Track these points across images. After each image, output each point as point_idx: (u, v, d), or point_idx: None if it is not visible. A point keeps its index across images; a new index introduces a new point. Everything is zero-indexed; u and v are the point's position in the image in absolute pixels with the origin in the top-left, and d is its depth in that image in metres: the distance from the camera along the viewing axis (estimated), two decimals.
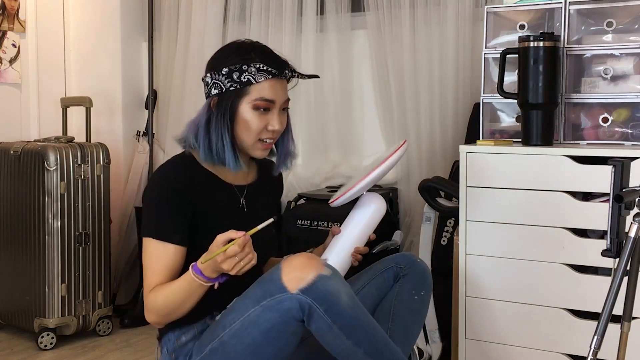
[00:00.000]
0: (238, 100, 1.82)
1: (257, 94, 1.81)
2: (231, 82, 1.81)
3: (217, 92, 1.83)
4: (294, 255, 1.72)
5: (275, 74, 1.82)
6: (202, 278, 1.72)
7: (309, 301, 1.64)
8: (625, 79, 2.27)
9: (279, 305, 1.66)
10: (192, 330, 1.85)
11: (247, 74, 1.81)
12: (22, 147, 3.09)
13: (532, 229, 2.23)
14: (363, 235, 1.93)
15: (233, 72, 1.81)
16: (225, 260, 1.66)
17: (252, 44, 1.89)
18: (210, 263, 1.69)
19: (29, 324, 3.05)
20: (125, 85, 3.68)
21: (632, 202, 1.56)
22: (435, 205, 2.53)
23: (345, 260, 1.91)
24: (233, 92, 1.81)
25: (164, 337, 1.89)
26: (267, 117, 1.84)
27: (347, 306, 1.67)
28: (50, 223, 2.97)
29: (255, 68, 1.81)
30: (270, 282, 1.69)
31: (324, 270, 1.67)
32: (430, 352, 2.58)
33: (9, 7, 3.45)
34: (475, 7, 2.91)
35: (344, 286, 1.70)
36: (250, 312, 1.70)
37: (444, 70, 2.95)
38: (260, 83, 1.81)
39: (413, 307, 1.95)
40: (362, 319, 1.71)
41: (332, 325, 1.66)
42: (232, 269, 1.68)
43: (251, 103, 1.81)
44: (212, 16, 3.42)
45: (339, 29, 3.22)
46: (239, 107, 1.82)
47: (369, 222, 1.93)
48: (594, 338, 1.56)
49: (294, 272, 1.66)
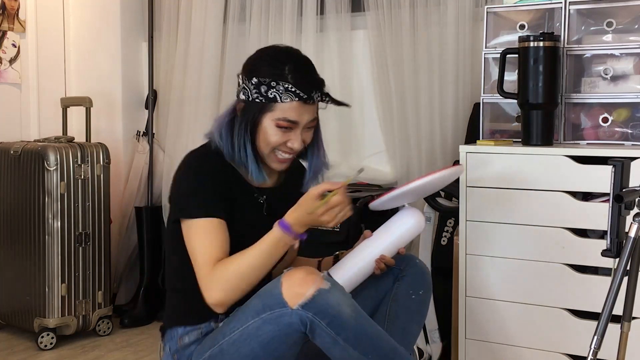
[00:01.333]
0: (261, 114, 1.80)
1: (281, 114, 1.79)
2: (258, 94, 1.79)
3: (244, 98, 1.82)
4: (294, 269, 1.70)
5: (302, 97, 1.79)
6: (290, 234, 1.71)
7: (310, 316, 1.63)
8: (625, 79, 2.27)
9: (279, 319, 1.65)
10: (196, 332, 1.84)
11: (274, 90, 1.78)
12: (22, 147, 3.09)
13: (532, 229, 2.23)
14: (393, 246, 1.90)
15: (262, 84, 1.79)
16: (326, 211, 1.68)
17: (288, 56, 1.85)
18: (304, 216, 1.70)
19: (29, 324, 3.05)
20: (125, 85, 3.68)
21: (632, 202, 1.56)
22: (435, 205, 2.53)
23: (367, 266, 1.89)
24: (258, 104, 1.80)
25: (168, 333, 1.88)
26: (288, 134, 1.82)
27: (350, 317, 1.67)
28: (50, 223, 2.97)
29: (284, 87, 1.78)
30: (271, 296, 1.67)
31: (323, 284, 1.66)
32: (430, 352, 2.58)
33: (9, 7, 3.45)
34: (475, 7, 2.91)
35: (345, 298, 1.69)
36: (250, 324, 1.69)
37: (444, 70, 2.95)
38: (285, 103, 1.79)
39: (412, 307, 1.94)
40: (367, 328, 1.70)
41: (337, 338, 1.65)
42: (332, 220, 1.69)
43: (274, 121, 1.80)
44: (212, 16, 3.41)
45: (339, 29, 3.21)
46: (261, 121, 1.80)
47: (404, 235, 1.91)
48: (594, 338, 1.56)
49: (293, 287, 1.65)
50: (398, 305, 1.93)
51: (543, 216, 2.21)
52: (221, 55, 3.43)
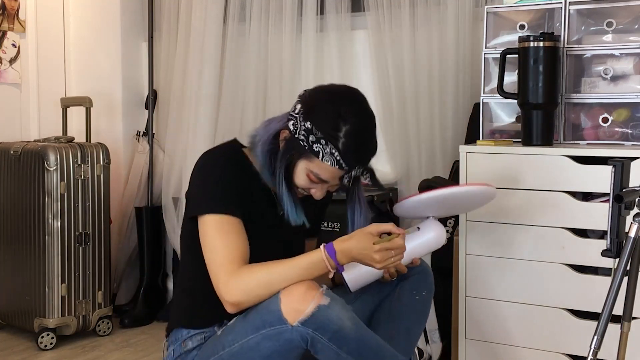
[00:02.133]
0: (299, 158, 1.76)
1: (316, 169, 1.76)
2: (305, 139, 1.75)
3: (292, 129, 1.77)
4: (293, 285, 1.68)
5: (343, 168, 1.76)
6: (332, 262, 1.68)
7: (311, 332, 1.62)
8: (625, 79, 2.27)
9: (279, 335, 1.65)
10: (199, 336, 1.84)
11: (320, 146, 1.73)
12: (22, 147, 3.09)
13: (532, 229, 2.23)
14: (409, 254, 1.86)
15: (311, 133, 1.74)
16: (382, 251, 1.65)
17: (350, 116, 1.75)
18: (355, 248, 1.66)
19: (29, 324, 3.05)
20: (125, 85, 3.68)
21: (632, 202, 1.56)
22: None
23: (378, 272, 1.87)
24: (300, 147, 1.75)
25: (173, 333, 1.88)
26: (314, 185, 1.80)
27: (351, 330, 1.66)
28: (50, 223, 2.97)
29: (330, 151, 1.73)
30: (270, 313, 1.66)
31: (322, 300, 1.64)
32: (430, 352, 2.58)
33: (9, 7, 3.45)
34: (475, 7, 2.91)
35: (344, 311, 1.67)
36: (250, 339, 1.69)
37: (444, 70, 2.95)
38: (324, 163, 1.75)
39: (415, 308, 1.94)
40: (368, 339, 1.70)
41: (339, 351, 1.65)
42: (382, 262, 1.66)
43: (307, 169, 1.77)
44: (212, 16, 3.41)
45: (339, 29, 3.21)
46: (297, 163, 1.77)
47: (421, 246, 1.89)
48: (594, 338, 1.56)
49: (292, 304, 1.63)
50: (402, 305, 1.93)
51: (543, 216, 2.21)
52: (221, 55, 3.43)
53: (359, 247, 1.67)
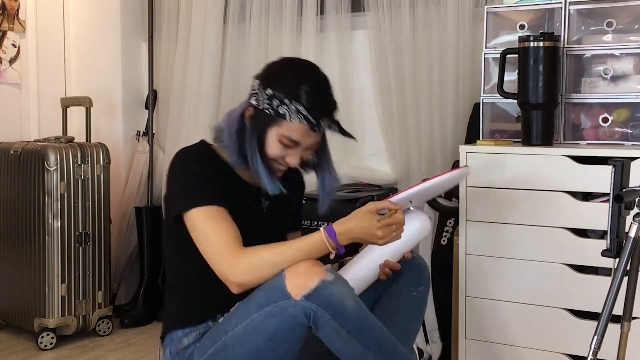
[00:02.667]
0: (267, 127, 1.80)
1: (286, 131, 1.79)
2: (269, 106, 1.79)
3: (254, 104, 1.82)
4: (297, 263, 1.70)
5: (311, 123, 1.79)
6: (333, 243, 1.70)
7: (314, 307, 1.63)
8: (625, 79, 2.27)
9: (282, 312, 1.65)
10: (194, 333, 1.84)
11: (285, 107, 1.78)
12: (22, 147, 3.09)
13: (532, 229, 2.23)
14: (399, 250, 1.88)
15: (274, 98, 1.78)
16: (383, 227, 1.69)
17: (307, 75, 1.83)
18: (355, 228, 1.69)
19: (29, 324, 3.05)
20: (125, 85, 3.68)
21: (632, 202, 1.56)
22: (435, 205, 2.53)
23: (372, 270, 1.88)
24: (266, 115, 1.80)
25: (168, 337, 1.89)
26: (288, 151, 1.82)
27: (354, 309, 1.67)
28: (50, 223, 2.97)
29: (295, 108, 1.77)
30: (274, 289, 1.67)
31: (327, 275, 1.66)
32: (430, 352, 2.58)
33: (9, 7, 3.45)
34: (475, 7, 2.91)
35: (348, 290, 1.69)
36: (254, 318, 1.69)
37: (444, 70, 2.95)
38: (293, 123, 1.78)
39: (412, 304, 1.94)
40: (370, 322, 1.71)
41: (340, 329, 1.65)
42: (385, 237, 1.70)
43: (278, 136, 1.80)
44: (212, 16, 3.41)
45: (339, 29, 3.21)
46: (267, 132, 1.80)
47: (409, 239, 1.89)
48: (594, 338, 1.56)
49: (297, 279, 1.65)
50: (399, 302, 1.93)
51: (543, 216, 2.21)
52: (221, 55, 3.43)
53: (360, 226, 1.70)
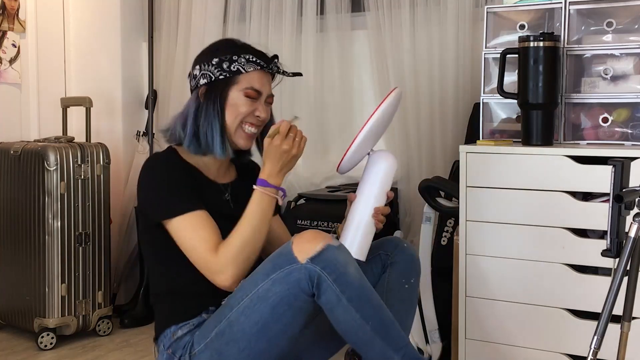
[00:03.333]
0: (228, 87, 1.89)
1: (247, 83, 1.89)
2: (221, 71, 1.88)
3: (205, 81, 1.90)
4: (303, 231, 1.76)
5: (263, 66, 1.91)
6: (269, 188, 1.83)
7: (318, 270, 1.66)
8: (625, 79, 2.27)
9: (287, 277, 1.68)
10: (187, 325, 1.85)
11: (237, 64, 1.89)
12: (22, 147, 3.09)
13: (532, 229, 2.23)
14: (380, 195, 1.90)
15: (223, 62, 1.89)
16: (284, 140, 1.81)
17: (238, 40, 1.97)
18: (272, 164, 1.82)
19: (29, 324, 3.05)
20: (125, 85, 3.68)
21: (632, 202, 1.56)
22: (435, 205, 2.53)
23: (368, 224, 1.89)
24: (222, 80, 1.89)
25: (160, 337, 1.90)
26: (255, 104, 1.91)
27: (355, 278, 1.70)
28: (50, 223, 2.97)
29: (245, 59, 1.89)
30: (281, 255, 1.72)
31: (333, 241, 1.71)
32: (430, 352, 2.58)
33: (9, 7, 3.45)
34: (475, 7, 2.91)
35: (351, 259, 1.73)
36: (259, 287, 1.72)
37: (444, 70, 2.95)
38: (249, 73, 1.89)
39: (404, 297, 1.94)
40: (370, 294, 1.72)
41: (341, 296, 1.67)
42: (294, 147, 1.81)
43: (242, 91, 1.88)
44: (212, 16, 3.42)
45: (339, 29, 3.22)
46: (228, 94, 1.89)
47: (383, 180, 1.91)
48: (594, 338, 1.56)
49: (303, 243, 1.70)
50: (392, 296, 1.92)
51: (543, 216, 2.21)
52: None
53: (272, 159, 1.82)
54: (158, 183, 1.87)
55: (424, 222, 2.58)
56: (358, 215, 1.89)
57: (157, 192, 1.86)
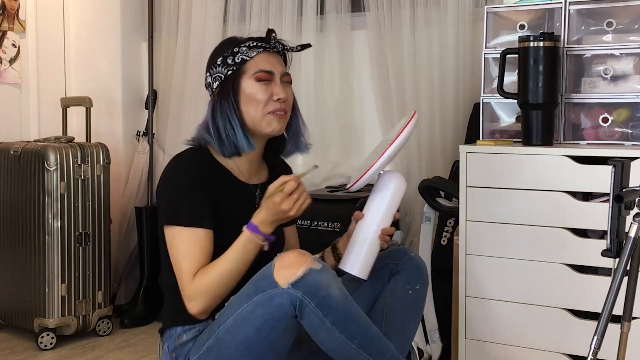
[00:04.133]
0: (238, 79, 1.87)
1: (255, 67, 1.86)
2: (227, 67, 1.87)
3: (217, 82, 1.88)
4: (286, 252, 1.74)
5: (265, 46, 1.89)
6: (259, 235, 1.76)
7: (300, 295, 1.64)
8: (625, 79, 2.27)
9: (270, 301, 1.67)
10: (193, 330, 1.85)
11: (239, 54, 1.87)
12: (22, 147, 3.09)
13: (532, 229, 2.23)
14: (388, 215, 1.90)
15: (227, 58, 1.88)
16: (284, 200, 1.74)
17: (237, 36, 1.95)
18: (267, 214, 1.76)
19: (29, 324, 3.05)
20: (125, 85, 3.68)
21: (632, 202, 1.56)
22: (435, 205, 2.53)
23: (373, 244, 1.88)
24: (231, 75, 1.86)
25: (166, 333, 1.89)
26: (270, 87, 1.87)
27: (339, 300, 1.68)
28: (50, 223, 2.97)
29: (246, 47, 1.88)
30: (263, 279, 1.70)
31: (314, 264, 1.68)
32: (430, 352, 2.58)
33: (9, 7, 3.45)
34: (475, 7, 2.91)
35: (335, 280, 1.70)
36: (243, 308, 1.71)
37: (444, 70, 2.95)
38: (253, 58, 1.87)
39: (408, 303, 1.94)
40: (354, 313, 1.71)
41: (324, 319, 1.66)
42: (291, 208, 1.74)
43: (252, 77, 1.86)
44: (212, 16, 3.42)
45: (339, 29, 3.22)
46: (240, 85, 1.86)
47: (391, 201, 1.90)
48: (594, 338, 1.56)
49: (285, 268, 1.67)
50: (396, 301, 1.93)
51: (543, 216, 2.21)
52: None
53: (269, 210, 1.76)
54: (175, 186, 1.83)
55: (424, 222, 2.58)
56: (363, 234, 1.89)
57: (171, 194, 1.83)
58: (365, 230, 1.89)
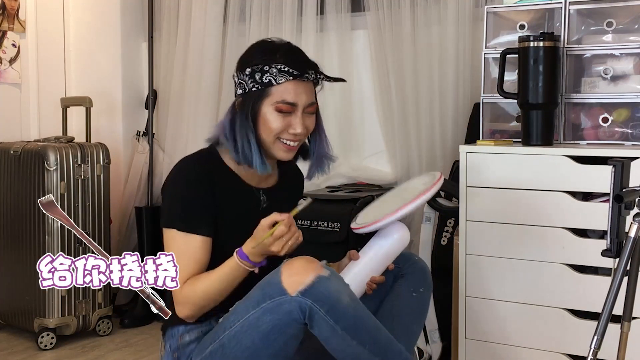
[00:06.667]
0: (260, 101, 1.80)
1: (279, 96, 1.79)
2: (253, 82, 1.80)
3: (241, 92, 1.83)
4: (293, 258, 1.72)
5: (296, 75, 1.79)
6: (248, 263, 1.74)
7: (309, 303, 1.63)
8: (625, 79, 2.27)
9: (278, 307, 1.66)
10: (196, 331, 1.84)
11: (268, 74, 1.78)
12: (22, 147, 3.09)
13: (532, 229, 2.23)
14: (381, 264, 1.89)
15: (255, 72, 1.79)
16: (274, 242, 1.70)
17: (279, 44, 1.85)
18: (258, 248, 1.72)
19: (29, 324, 3.05)
20: (125, 85, 3.68)
21: (632, 202, 1.56)
22: (435, 205, 2.53)
23: (359, 287, 1.88)
24: (255, 92, 1.80)
25: (169, 331, 1.89)
26: (289, 119, 1.82)
27: (349, 306, 1.67)
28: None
29: (277, 69, 1.78)
30: (270, 285, 1.68)
31: (323, 271, 1.66)
32: (430, 352, 2.58)
33: (9, 7, 3.45)
34: (475, 7, 2.91)
35: (344, 286, 1.70)
36: (250, 315, 1.70)
37: (444, 70, 2.95)
38: (281, 84, 1.79)
39: (413, 306, 1.94)
40: (365, 319, 1.71)
41: (335, 326, 1.65)
42: (281, 250, 1.72)
43: (273, 105, 1.80)
44: (212, 16, 3.41)
45: (339, 29, 3.21)
46: (261, 108, 1.81)
47: (390, 251, 1.90)
48: (594, 338, 1.56)
49: (293, 276, 1.66)
50: (400, 305, 1.93)
51: (543, 216, 2.21)
52: (221, 55, 3.43)
53: (258, 246, 1.72)
54: (175, 190, 1.83)
55: (424, 222, 2.58)
56: (352, 275, 1.88)
57: (171, 198, 1.83)
58: (356, 272, 1.89)
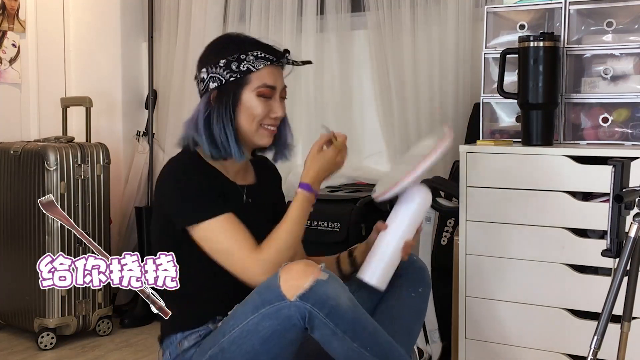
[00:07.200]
0: (240, 89, 1.83)
1: (259, 82, 1.83)
2: (230, 72, 1.82)
3: (216, 85, 1.83)
4: (291, 262, 1.71)
5: (273, 60, 1.84)
6: (312, 192, 1.85)
7: (309, 307, 1.63)
8: (625, 79, 2.27)
9: (278, 313, 1.65)
10: (194, 335, 1.84)
11: (246, 62, 1.82)
12: (22, 147, 3.09)
13: (532, 229, 2.23)
14: (411, 227, 1.89)
15: (231, 62, 1.82)
16: (340, 152, 1.86)
17: (241, 35, 1.91)
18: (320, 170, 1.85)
19: (29, 324, 3.05)
20: (125, 85, 3.68)
21: (632, 202, 1.56)
22: (435, 205, 2.53)
23: (394, 256, 1.87)
24: (233, 82, 1.82)
25: (167, 339, 1.88)
26: (269, 103, 1.86)
27: (349, 308, 1.67)
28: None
29: (254, 56, 1.82)
30: (269, 291, 1.68)
31: (321, 275, 1.66)
32: (430, 352, 2.58)
33: (9, 7, 3.45)
34: (475, 7, 2.91)
35: (342, 289, 1.69)
36: (249, 320, 1.69)
37: (444, 70, 2.95)
38: (259, 70, 1.82)
39: (412, 306, 1.94)
40: (365, 321, 1.71)
41: (336, 329, 1.65)
42: (344, 159, 1.88)
43: (255, 91, 1.83)
44: (212, 16, 3.42)
45: (339, 29, 3.21)
46: (241, 96, 1.83)
47: (416, 215, 1.89)
48: (594, 338, 1.56)
49: (291, 280, 1.65)
50: (399, 305, 1.93)
51: (543, 216, 2.21)
52: None
53: (322, 165, 1.85)
54: (184, 187, 1.81)
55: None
56: (385, 246, 1.88)
57: (183, 197, 1.80)
58: (388, 241, 1.88)
